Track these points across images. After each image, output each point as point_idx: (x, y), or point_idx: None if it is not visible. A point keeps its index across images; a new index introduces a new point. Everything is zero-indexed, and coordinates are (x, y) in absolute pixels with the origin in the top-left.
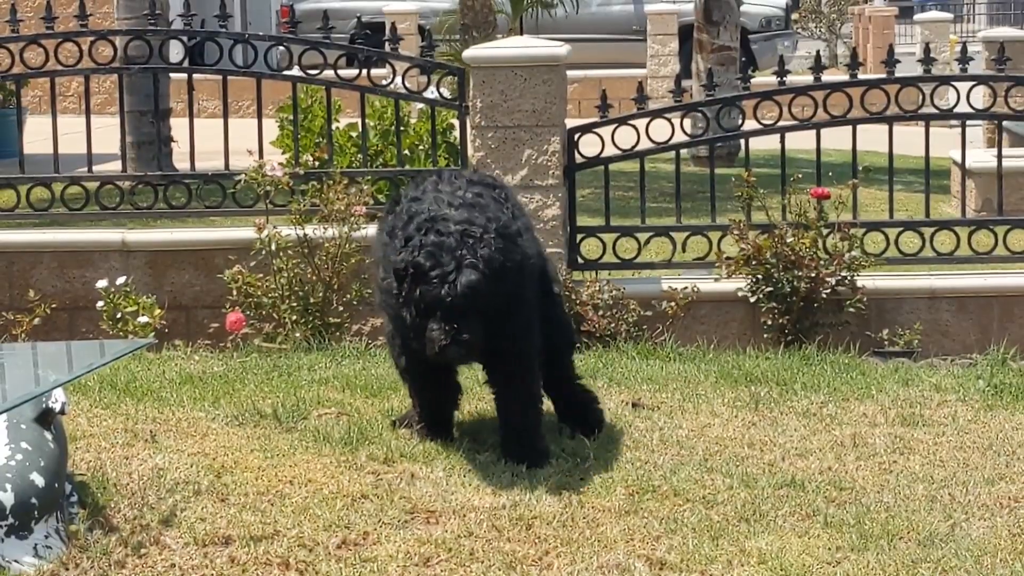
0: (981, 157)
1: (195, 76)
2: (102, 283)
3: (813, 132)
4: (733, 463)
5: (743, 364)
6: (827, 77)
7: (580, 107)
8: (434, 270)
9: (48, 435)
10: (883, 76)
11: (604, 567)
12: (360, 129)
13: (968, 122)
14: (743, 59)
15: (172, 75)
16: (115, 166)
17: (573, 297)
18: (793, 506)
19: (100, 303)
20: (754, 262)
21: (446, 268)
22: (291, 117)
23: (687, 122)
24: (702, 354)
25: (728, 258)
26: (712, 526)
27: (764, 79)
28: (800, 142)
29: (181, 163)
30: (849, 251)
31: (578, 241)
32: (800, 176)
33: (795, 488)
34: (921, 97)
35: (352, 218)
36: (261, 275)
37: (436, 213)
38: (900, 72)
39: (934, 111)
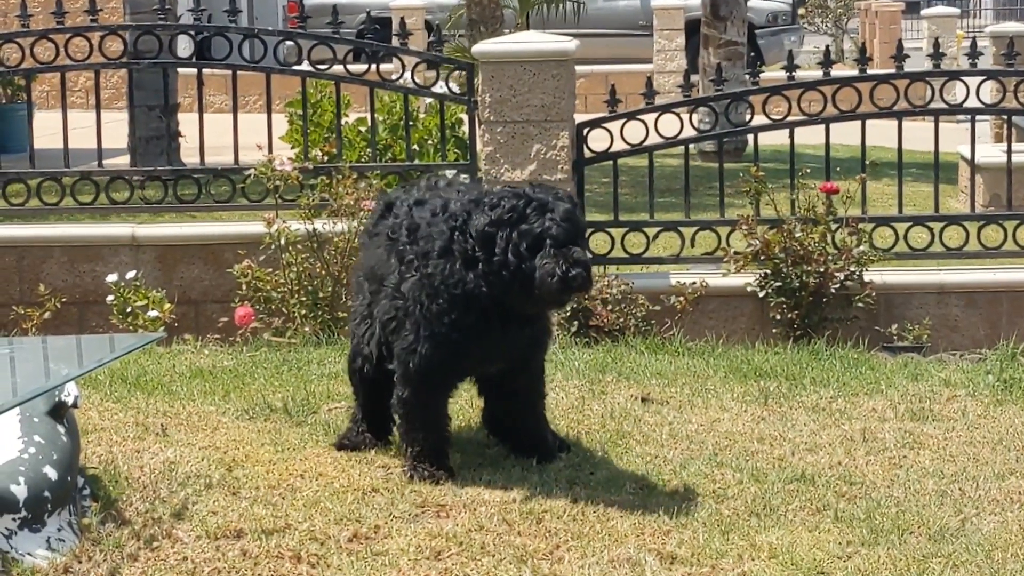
0: (990, 152)
1: (204, 71)
2: (112, 277)
3: (822, 127)
4: (743, 458)
5: (752, 359)
6: (836, 72)
7: (587, 102)
8: (530, 205)
9: (61, 429)
10: (893, 71)
11: (615, 561)
12: (369, 124)
13: (977, 117)
14: (750, 54)
15: (181, 70)
16: (124, 161)
17: None
18: (803, 501)
19: (110, 297)
20: (763, 257)
21: (544, 201)
22: (300, 112)
23: (695, 117)
24: (711, 349)
25: (737, 253)
26: (722, 520)
27: (772, 74)
28: (809, 137)
29: (190, 158)
30: (858, 246)
31: (587, 236)
32: (808, 171)
33: (805, 483)
34: (930, 92)
35: (361, 212)
36: (270, 270)
37: (475, 195)
38: (909, 67)
39: (943, 106)
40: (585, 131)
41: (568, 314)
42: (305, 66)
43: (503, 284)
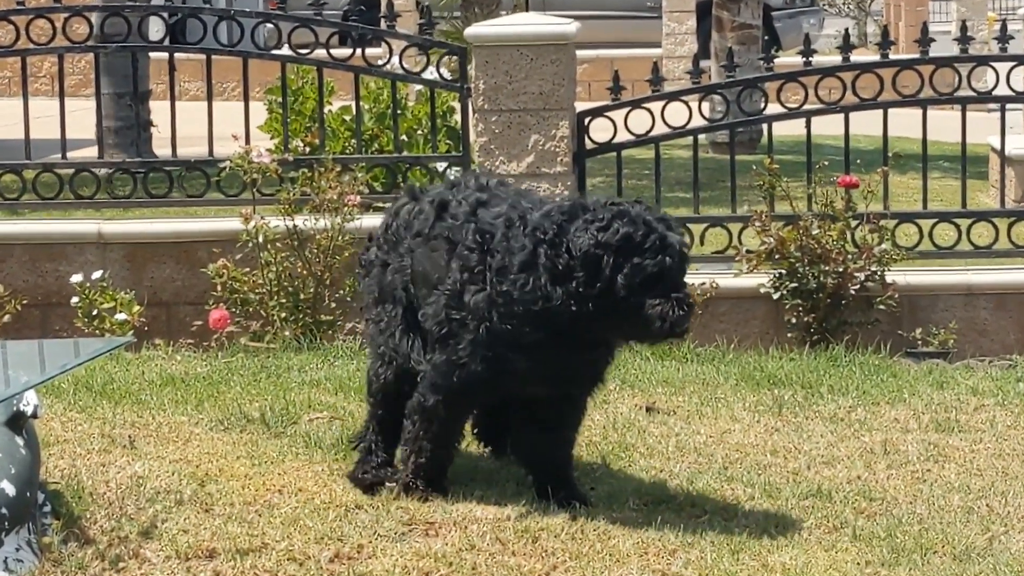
0: (1022, 143)
1: (177, 55)
2: (77, 277)
3: (841, 116)
4: (755, 472)
5: (765, 365)
6: (856, 57)
7: (590, 89)
8: (649, 237)
9: (19, 440)
10: (917, 56)
11: None
12: (354, 112)
13: (1008, 105)
14: (765, 38)
15: (152, 54)
16: (91, 152)
17: None
18: (819, 518)
19: (75, 299)
20: (777, 256)
21: (663, 236)
22: (280, 99)
23: (705, 106)
24: (721, 354)
25: (749, 252)
26: (732, 539)
27: (788, 59)
28: (827, 127)
29: (162, 149)
30: (879, 244)
31: None
32: (827, 163)
33: (821, 498)
34: (957, 79)
35: (345, 208)
36: (247, 269)
37: (563, 206)
38: (935, 52)
39: (971, 94)
40: (587, 120)
41: None
42: (285, 50)
43: (599, 311)
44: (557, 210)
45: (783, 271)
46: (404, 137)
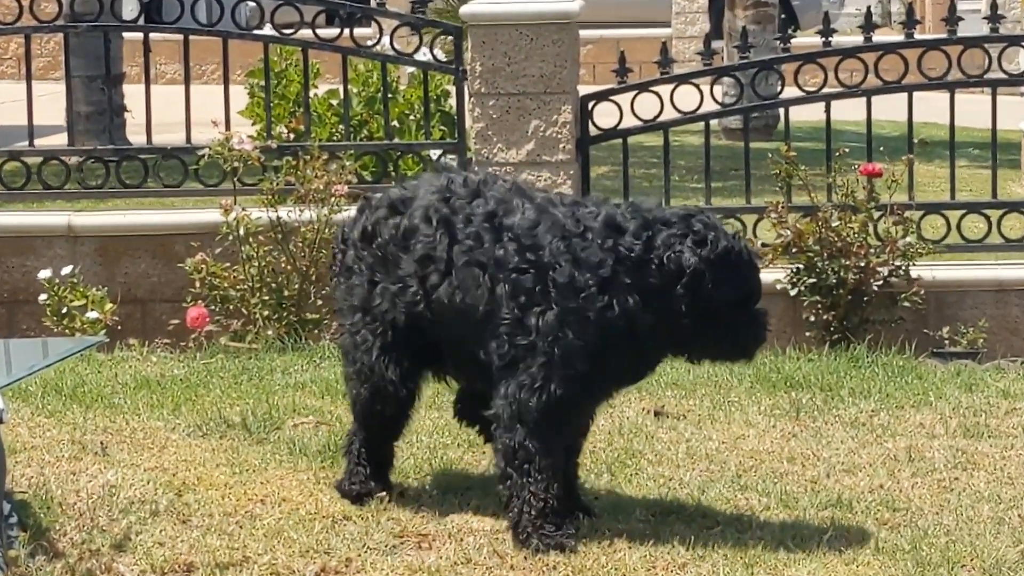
0: None
1: (152, 36)
2: (45, 273)
3: (863, 100)
4: (770, 480)
5: (782, 366)
6: (879, 37)
7: (595, 72)
8: (743, 254)
9: None
10: (944, 36)
11: None
12: (342, 96)
13: None
14: (782, 17)
15: (126, 35)
16: (60, 139)
17: None
18: (839, 529)
19: (43, 296)
20: (795, 249)
21: (752, 252)
22: (262, 83)
23: (718, 89)
24: None
25: (765, 245)
26: (746, 553)
27: (806, 40)
28: (848, 112)
29: (136, 136)
30: (904, 237)
31: None
32: (847, 151)
33: (842, 509)
34: (987, 60)
35: (333, 199)
36: (228, 264)
37: (633, 205)
38: (963, 31)
39: (1002, 76)
40: (591, 105)
41: None
42: (268, 30)
43: (691, 328)
44: (624, 216)
45: (801, 266)
46: (395, 123)
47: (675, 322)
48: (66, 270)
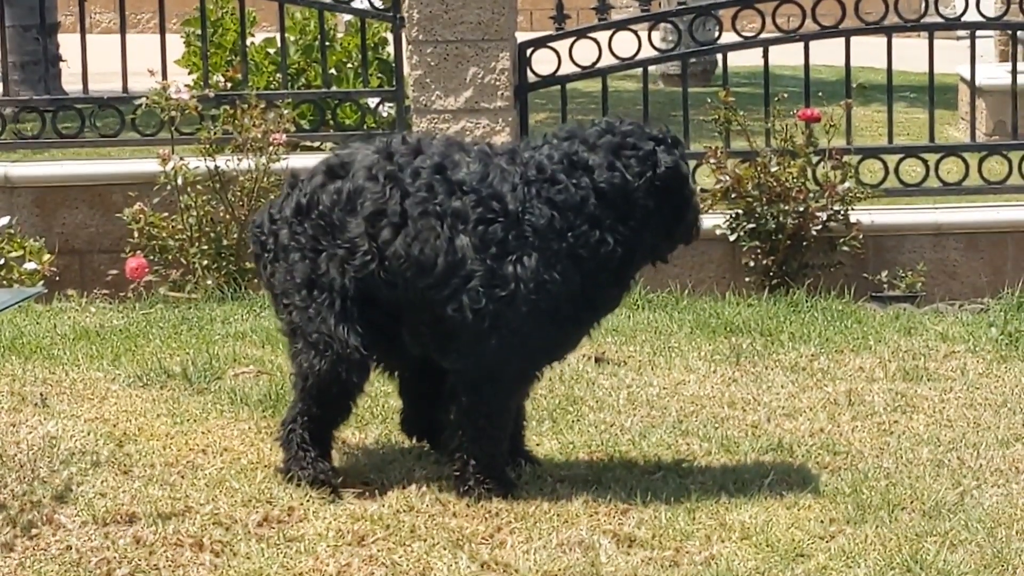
0: (993, 73)
1: None
2: None
3: (801, 45)
4: (711, 425)
5: (722, 312)
6: None
7: (532, 18)
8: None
9: None
10: None
11: (564, 544)
12: (279, 45)
13: (978, 33)
14: None
15: None
16: None
17: None
18: (780, 473)
19: None
20: (734, 195)
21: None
22: (199, 31)
23: (656, 35)
24: (675, 300)
25: (704, 190)
26: (688, 497)
27: None
28: (786, 57)
29: (72, 85)
30: (842, 182)
31: None
32: (786, 96)
33: (782, 453)
34: (924, 4)
35: (271, 147)
36: (166, 214)
37: (567, 131)
38: None
39: (939, 20)
40: (529, 52)
41: None
42: None
43: (669, 227)
44: (579, 146)
45: (740, 211)
46: (333, 71)
47: (658, 228)
48: (3, 221)
